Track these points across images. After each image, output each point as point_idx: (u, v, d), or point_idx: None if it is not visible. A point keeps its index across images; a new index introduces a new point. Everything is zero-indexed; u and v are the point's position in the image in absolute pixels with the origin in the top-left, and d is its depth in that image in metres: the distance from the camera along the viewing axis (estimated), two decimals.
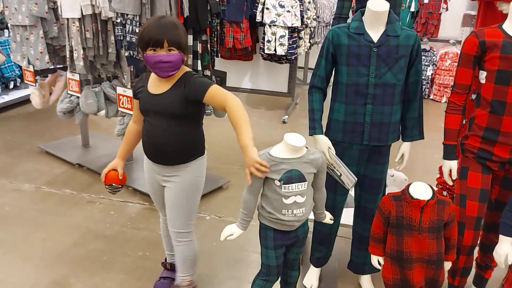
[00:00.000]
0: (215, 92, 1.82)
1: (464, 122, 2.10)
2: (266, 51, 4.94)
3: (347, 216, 2.37)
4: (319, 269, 2.41)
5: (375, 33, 1.96)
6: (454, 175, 2.02)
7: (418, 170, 3.79)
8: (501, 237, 1.81)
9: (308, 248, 2.46)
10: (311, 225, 2.52)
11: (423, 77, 6.14)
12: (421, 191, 1.80)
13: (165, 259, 2.37)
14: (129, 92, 2.98)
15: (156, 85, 1.92)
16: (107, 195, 3.24)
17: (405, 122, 2.12)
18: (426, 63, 6.02)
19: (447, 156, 2.02)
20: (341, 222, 2.35)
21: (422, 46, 6.03)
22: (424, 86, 5.98)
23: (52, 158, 3.82)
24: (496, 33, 1.84)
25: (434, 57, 6.07)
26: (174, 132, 1.90)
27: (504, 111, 1.84)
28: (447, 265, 1.93)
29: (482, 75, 1.89)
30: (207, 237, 2.76)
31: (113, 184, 2.10)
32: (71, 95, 3.47)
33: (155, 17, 1.86)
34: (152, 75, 1.94)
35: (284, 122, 5.04)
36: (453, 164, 2.02)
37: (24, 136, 4.29)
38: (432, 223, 1.78)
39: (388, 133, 2.05)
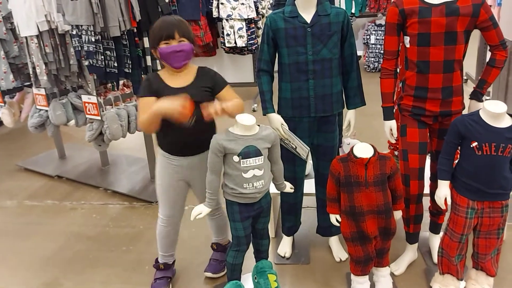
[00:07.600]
0: (229, 89, 2.11)
1: (401, 85, 2.31)
2: (227, 45, 5.10)
3: (311, 186, 2.57)
4: (291, 238, 2.60)
5: (307, 15, 2.14)
6: (395, 134, 2.23)
7: (382, 140, 4.00)
8: (439, 181, 2.03)
9: (280, 221, 2.65)
10: (278, 198, 2.71)
11: (381, 51, 6.37)
12: (364, 151, 2.00)
13: (156, 260, 2.35)
14: (94, 99, 3.11)
15: (174, 80, 2.05)
16: (88, 201, 3.37)
17: (347, 92, 2.32)
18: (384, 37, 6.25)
19: (386, 117, 2.22)
20: (305, 192, 2.54)
21: (378, 22, 6.27)
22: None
23: (31, 174, 3.92)
24: (413, 1, 2.04)
25: None
26: (200, 120, 1.98)
27: (429, 69, 2.05)
28: (398, 214, 2.14)
29: (407, 40, 2.10)
30: (186, 225, 2.91)
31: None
32: (40, 110, 3.58)
33: (162, 17, 2.08)
34: (161, 73, 2.09)
35: (254, 110, 5.22)
36: (392, 124, 2.22)
37: (1, 156, 4.37)
38: (376, 177, 1.98)
39: (331, 104, 2.25)
